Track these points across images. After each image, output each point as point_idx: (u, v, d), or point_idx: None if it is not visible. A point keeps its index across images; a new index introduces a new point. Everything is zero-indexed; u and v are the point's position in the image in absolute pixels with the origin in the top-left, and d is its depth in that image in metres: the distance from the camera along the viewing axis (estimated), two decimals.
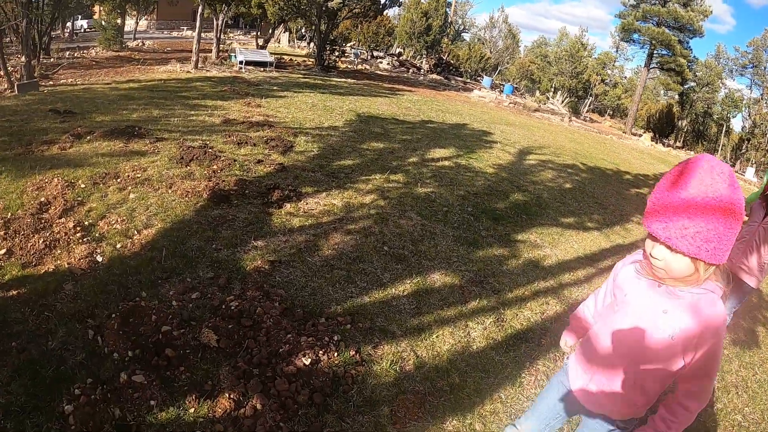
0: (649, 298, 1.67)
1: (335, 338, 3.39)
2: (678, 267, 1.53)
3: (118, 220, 4.39)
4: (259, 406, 2.78)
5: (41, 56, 13.96)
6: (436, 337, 3.61)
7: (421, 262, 4.60)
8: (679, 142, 43.77)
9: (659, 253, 1.55)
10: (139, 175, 5.32)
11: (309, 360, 3.14)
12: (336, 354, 3.25)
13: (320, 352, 3.22)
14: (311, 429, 2.74)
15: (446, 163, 8.43)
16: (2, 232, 3.93)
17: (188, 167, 5.78)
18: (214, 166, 5.88)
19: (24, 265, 3.67)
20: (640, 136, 30.59)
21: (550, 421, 2.16)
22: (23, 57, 11.25)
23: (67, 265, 3.72)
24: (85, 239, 4.06)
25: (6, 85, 10.35)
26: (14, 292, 3.39)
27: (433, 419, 2.91)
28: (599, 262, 5.60)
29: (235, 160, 6.21)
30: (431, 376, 3.23)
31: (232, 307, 3.49)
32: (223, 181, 5.49)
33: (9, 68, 10.95)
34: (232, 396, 2.81)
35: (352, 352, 3.29)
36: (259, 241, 4.46)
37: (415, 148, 9.00)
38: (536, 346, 3.75)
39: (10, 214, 4.22)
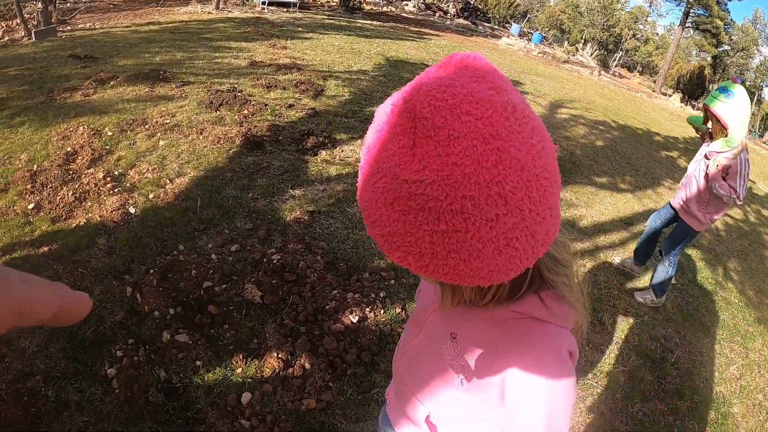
0: (439, 311, 1.01)
1: (381, 295, 3.25)
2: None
3: (149, 168, 4.19)
4: (307, 366, 2.68)
5: (57, 1, 13.56)
6: None
7: None
8: None
9: None
10: (167, 121, 5.09)
11: (356, 318, 3.02)
12: (382, 311, 3.12)
13: (367, 309, 3.09)
14: (361, 389, 2.65)
15: None
16: (29, 186, 3.75)
17: (218, 112, 5.53)
18: (245, 111, 5.63)
19: (54, 220, 3.51)
20: (670, 96, 29.49)
21: None
22: (39, 3, 10.88)
23: (99, 218, 3.55)
24: (115, 190, 3.88)
25: (23, 33, 10.00)
26: (45, 249, 3.23)
27: None
28: (633, 226, 5.42)
29: (266, 105, 5.94)
30: None
31: (274, 261, 3.33)
32: (255, 126, 5.25)
33: (25, 15, 10.60)
34: (279, 355, 2.69)
35: (398, 309, 3.17)
36: (296, 189, 4.27)
37: None
38: None
39: (36, 166, 4.02)
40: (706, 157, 3.48)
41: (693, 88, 35.65)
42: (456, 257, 0.66)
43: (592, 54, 31.45)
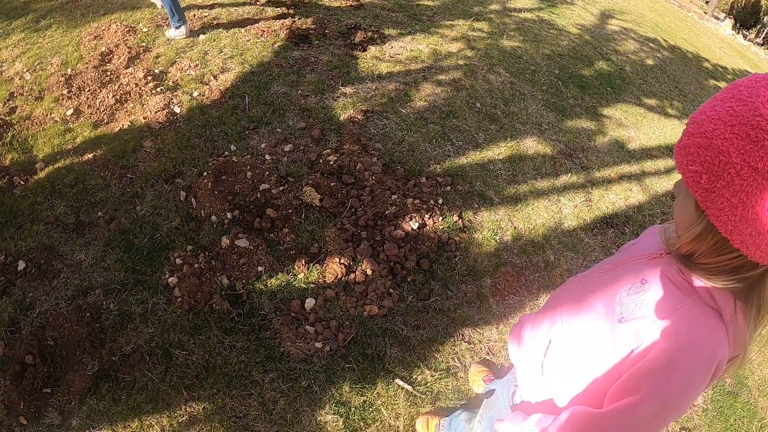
0: (644, 261, 1.04)
1: (439, 201, 3.17)
2: (678, 212, 0.92)
3: (191, 65, 3.97)
4: (369, 272, 2.63)
5: None
6: (532, 209, 3.48)
7: (514, 125, 4.26)
8: (760, 38, 39.21)
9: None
10: (205, 15, 4.79)
11: (416, 224, 2.94)
12: (441, 218, 3.05)
13: (426, 215, 3.02)
14: (420, 296, 2.64)
15: (529, 15, 7.63)
16: (65, 91, 3.53)
17: (258, 3, 5.19)
18: (288, 2, 5.29)
19: (95, 125, 3.33)
20: (722, 20, 27.47)
21: None
22: None
23: (143, 120, 3.38)
24: (158, 89, 3.68)
25: None
26: (89, 156, 3.07)
27: (529, 294, 2.90)
28: None
29: None
30: (527, 250, 3.15)
31: (331, 162, 3.21)
32: (300, 18, 4.95)
33: None
34: (342, 260, 2.64)
35: (455, 217, 3.11)
36: (347, 87, 4.06)
37: None
38: (620, 234, 3.61)
39: (70, 69, 3.78)
40: None
41: (746, 16, 33.08)
42: (741, 198, 0.75)
43: None
